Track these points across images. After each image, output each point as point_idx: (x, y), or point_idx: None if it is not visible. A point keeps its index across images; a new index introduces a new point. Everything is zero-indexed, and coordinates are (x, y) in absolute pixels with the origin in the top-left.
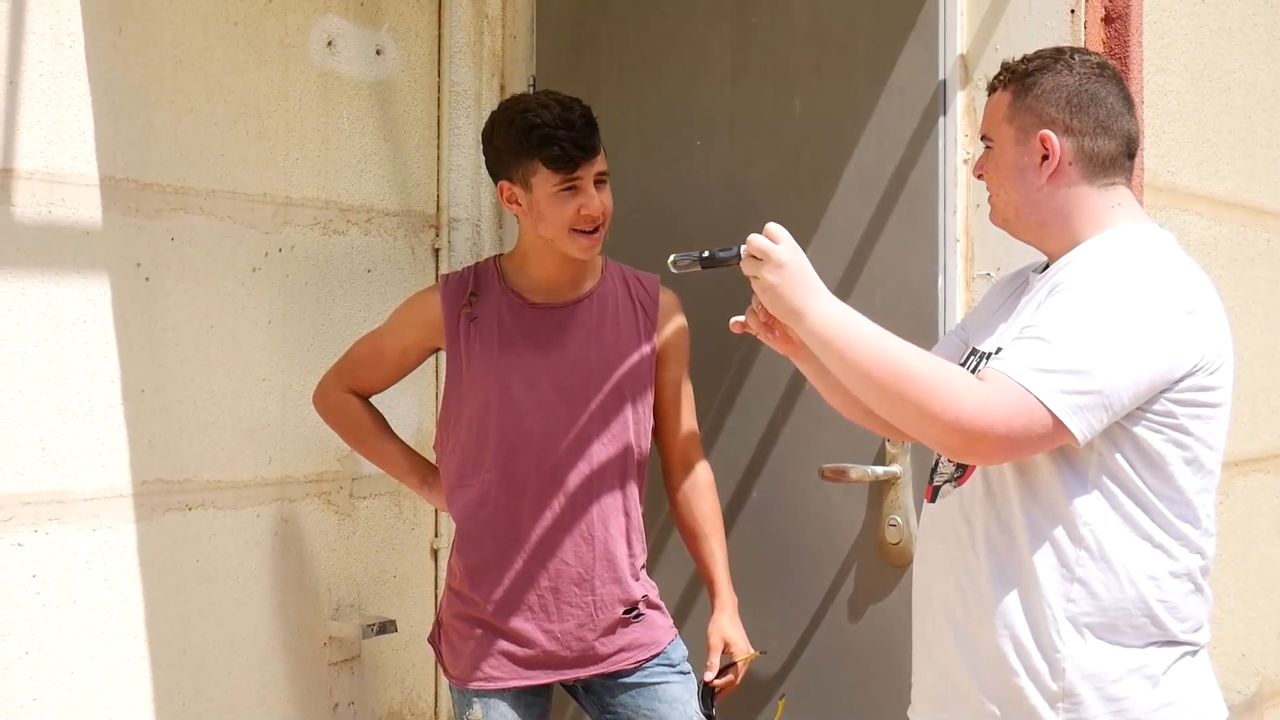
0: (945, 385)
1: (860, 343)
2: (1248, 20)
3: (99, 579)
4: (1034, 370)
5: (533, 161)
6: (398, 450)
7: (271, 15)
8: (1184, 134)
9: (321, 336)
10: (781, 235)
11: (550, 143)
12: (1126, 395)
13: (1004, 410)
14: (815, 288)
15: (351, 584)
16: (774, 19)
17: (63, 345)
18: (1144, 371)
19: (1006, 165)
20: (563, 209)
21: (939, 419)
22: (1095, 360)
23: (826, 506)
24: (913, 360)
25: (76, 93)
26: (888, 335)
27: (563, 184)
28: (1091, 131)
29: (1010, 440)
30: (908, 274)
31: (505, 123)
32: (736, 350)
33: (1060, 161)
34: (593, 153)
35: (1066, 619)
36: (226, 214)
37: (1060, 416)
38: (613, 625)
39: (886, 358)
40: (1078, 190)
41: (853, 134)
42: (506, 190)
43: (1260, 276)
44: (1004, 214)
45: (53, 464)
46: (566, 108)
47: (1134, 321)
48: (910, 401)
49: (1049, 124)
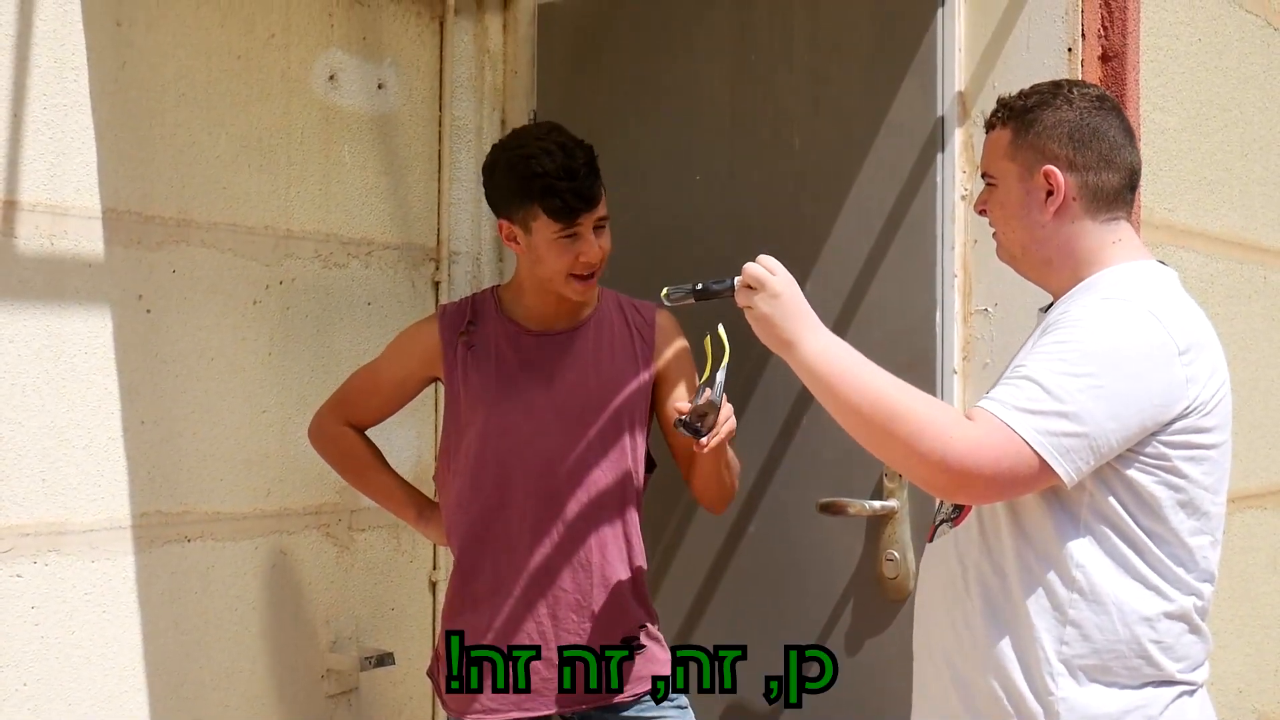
0: (932, 424)
1: (851, 377)
2: (1244, 59)
3: (97, 610)
4: (1020, 411)
5: (533, 208)
6: (394, 483)
7: (274, 49)
8: (1181, 172)
9: (321, 369)
10: (776, 266)
11: (552, 194)
12: (1115, 439)
13: (991, 451)
14: (809, 320)
15: (350, 616)
16: (773, 55)
17: (64, 377)
18: (1132, 414)
19: (1011, 203)
20: (561, 256)
21: (926, 458)
22: (1082, 403)
23: (824, 540)
24: (902, 397)
25: (80, 125)
26: (880, 371)
27: (564, 231)
28: (1095, 166)
29: (997, 481)
30: (906, 309)
31: (506, 166)
32: (733, 385)
33: (1065, 197)
34: (594, 203)
35: (1060, 661)
36: (228, 246)
37: (1046, 458)
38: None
39: (876, 394)
40: (1081, 225)
41: (851, 170)
42: (506, 229)
43: (1257, 313)
44: (1011, 251)
45: (52, 495)
46: (569, 154)
47: (1122, 363)
48: (898, 439)
49: (1052, 160)
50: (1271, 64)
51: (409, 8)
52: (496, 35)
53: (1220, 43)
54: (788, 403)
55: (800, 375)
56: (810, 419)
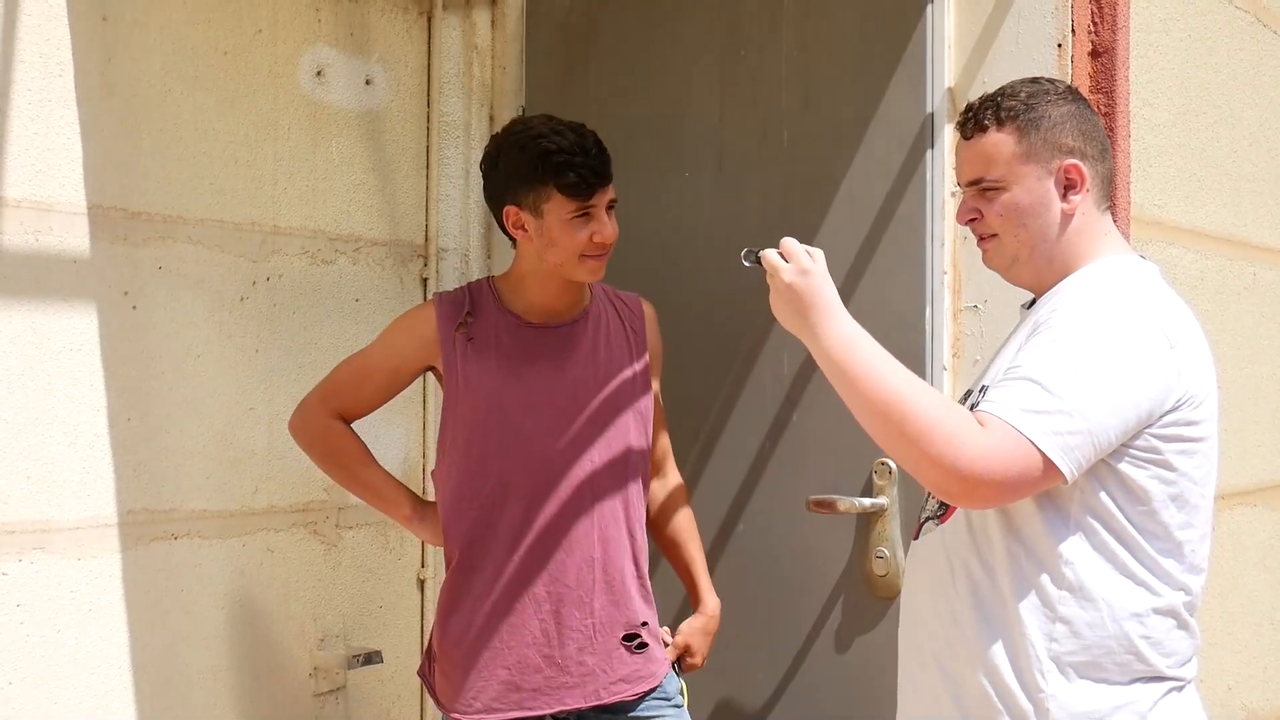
0: (943, 428)
1: (868, 370)
2: (1234, 55)
3: (83, 609)
4: (1026, 412)
5: (546, 188)
6: (385, 480)
7: (261, 45)
8: (1171, 168)
9: (309, 366)
10: (815, 250)
11: (567, 169)
12: (1114, 433)
13: (1002, 456)
14: (833, 305)
15: (337, 614)
16: (762, 51)
17: (49, 373)
18: (1130, 408)
19: (1029, 204)
20: (576, 235)
21: (938, 462)
22: (1083, 398)
23: (813, 538)
24: (918, 397)
25: (65, 121)
26: (899, 369)
27: (578, 210)
28: (1100, 156)
29: (1007, 485)
30: (896, 305)
31: (517, 147)
32: (723, 382)
33: (1083, 190)
34: (608, 179)
35: (1050, 658)
36: (214, 243)
37: (1052, 458)
38: (613, 650)
39: (891, 391)
40: (1089, 217)
41: (841, 166)
42: (513, 215)
43: (1246, 310)
44: (1014, 254)
45: (38, 493)
46: (580, 134)
47: (1119, 358)
48: (910, 441)
49: (1069, 153)
50: (1261, 60)
51: (397, 3)
52: (485, 31)
53: (1210, 39)
54: (777, 399)
55: (817, 360)
56: (800, 416)
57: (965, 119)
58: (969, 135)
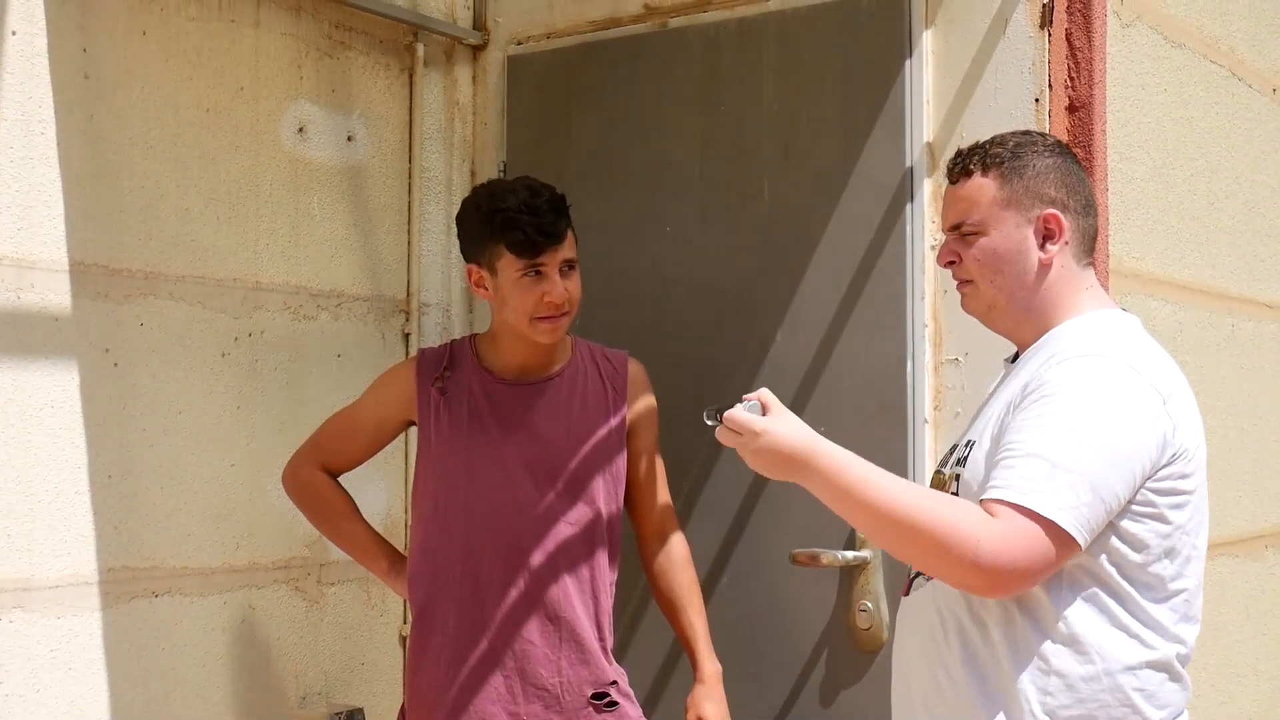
0: (956, 530)
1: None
2: (1209, 108)
3: (63, 667)
4: (1040, 493)
5: (497, 246)
6: (366, 534)
7: (243, 102)
8: (1148, 220)
9: (291, 421)
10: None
11: (514, 227)
12: (1123, 495)
13: (1021, 543)
14: (807, 447)
15: (319, 671)
16: (743, 106)
17: (30, 430)
18: (1136, 469)
19: (1005, 250)
20: (525, 295)
21: (958, 564)
22: (1090, 467)
23: (797, 591)
24: (923, 505)
25: (47, 178)
26: (895, 481)
27: (526, 269)
28: (1082, 210)
29: (1031, 570)
30: (876, 359)
31: (474, 207)
32: (707, 434)
33: (1062, 242)
34: (557, 239)
35: (1044, 712)
36: (196, 299)
37: (1070, 532)
38: (580, 709)
39: (894, 506)
40: (1068, 270)
41: (821, 220)
42: (474, 274)
43: (1225, 361)
44: (990, 301)
45: (18, 551)
46: (534, 193)
47: (1118, 420)
48: (925, 549)
49: (1049, 203)
50: (1236, 113)
51: (378, 60)
52: (466, 87)
53: (1185, 93)
54: None
55: (817, 496)
56: None
57: (953, 164)
58: (955, 180)
